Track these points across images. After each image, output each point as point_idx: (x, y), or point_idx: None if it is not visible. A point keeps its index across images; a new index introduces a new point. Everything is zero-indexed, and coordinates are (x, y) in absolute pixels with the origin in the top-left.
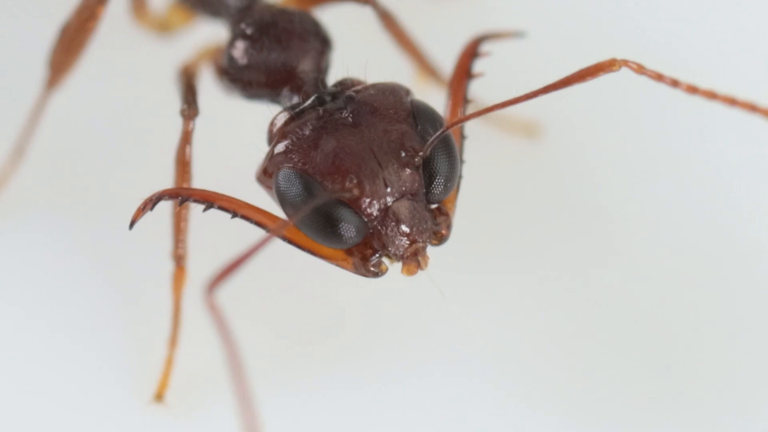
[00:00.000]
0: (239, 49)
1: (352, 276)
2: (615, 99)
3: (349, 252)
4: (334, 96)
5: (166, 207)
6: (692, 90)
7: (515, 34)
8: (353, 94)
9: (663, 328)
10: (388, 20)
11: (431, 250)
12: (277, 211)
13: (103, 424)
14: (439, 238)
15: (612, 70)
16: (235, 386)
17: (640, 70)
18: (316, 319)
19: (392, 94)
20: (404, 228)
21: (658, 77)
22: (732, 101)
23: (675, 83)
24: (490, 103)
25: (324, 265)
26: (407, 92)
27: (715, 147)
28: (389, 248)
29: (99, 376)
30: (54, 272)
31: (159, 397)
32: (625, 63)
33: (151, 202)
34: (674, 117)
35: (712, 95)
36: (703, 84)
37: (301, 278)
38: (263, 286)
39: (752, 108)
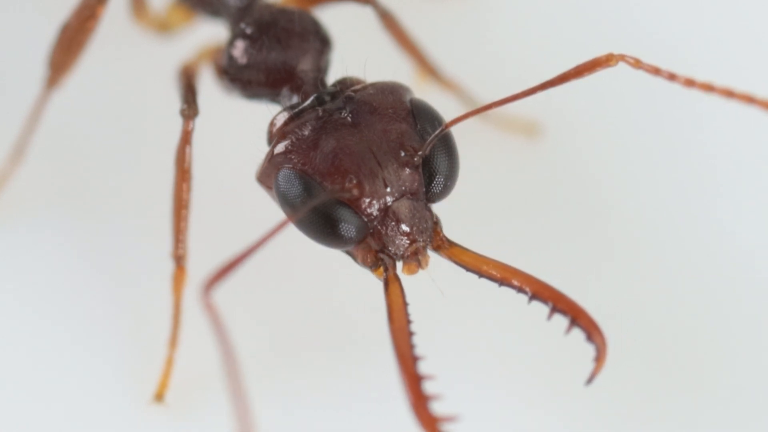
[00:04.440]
0: (239, 49)
1: (352, 277)
2: (614, 95)
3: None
4: (334, 95)
5: (165, 207)
6: (690, 83)
7: None
8: (352, 93)
9: (664, 328)
10: (388, 20)
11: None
12: (278, 211)
13: (102, 424)
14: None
15: (609, 65)
16: (229, 386)
17: (638, 64)
18: (315, 320)
19: (391, 93)
20: (404, 227)
21: (656, 71)
22: (729, 93)
23: (672, 77)
24: (488, 101)
25: (324, 266)
26: (407, 91)
27: (714, 142)
28: (389, 248)
29: (99, 376)
30: (53, 272)
31: (159, 397)
32: (622, 57)
33: None
34: (674, 112)
35: (709, 88)
36: (700, 79)
37: (300, 279)
38: (261, 287)
39: (750, 99)
